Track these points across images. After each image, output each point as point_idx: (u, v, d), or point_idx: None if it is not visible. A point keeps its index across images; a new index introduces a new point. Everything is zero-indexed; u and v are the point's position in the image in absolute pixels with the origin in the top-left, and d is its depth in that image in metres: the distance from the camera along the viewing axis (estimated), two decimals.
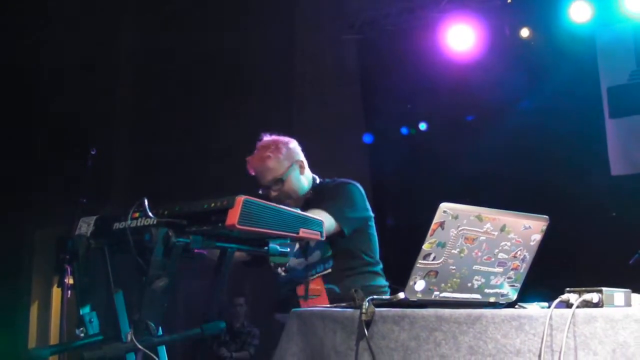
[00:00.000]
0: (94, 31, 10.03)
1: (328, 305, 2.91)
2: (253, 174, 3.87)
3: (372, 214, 3.89)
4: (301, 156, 3.91)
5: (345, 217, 3.66)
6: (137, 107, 10.51)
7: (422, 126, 7.80)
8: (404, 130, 7.93)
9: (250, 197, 2.49)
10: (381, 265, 3.93)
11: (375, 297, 2.51)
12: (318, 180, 3.95)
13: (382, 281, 3.89)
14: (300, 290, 3.74)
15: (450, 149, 7.48)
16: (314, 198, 3.84)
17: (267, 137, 3.95)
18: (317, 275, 3.73)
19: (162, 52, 9.96)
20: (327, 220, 3.52)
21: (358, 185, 3.87)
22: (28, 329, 10.92)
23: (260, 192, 3.82)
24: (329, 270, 3.72)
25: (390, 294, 2.50)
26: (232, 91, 9.29)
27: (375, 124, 8.23)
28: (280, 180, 3.78)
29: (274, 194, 3.78)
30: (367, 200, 3.86)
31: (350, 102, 8.50)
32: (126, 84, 10.64)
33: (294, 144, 3.91)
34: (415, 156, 7.72)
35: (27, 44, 10.24)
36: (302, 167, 3.88)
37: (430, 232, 2.32)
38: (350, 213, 3.72)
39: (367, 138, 8.16)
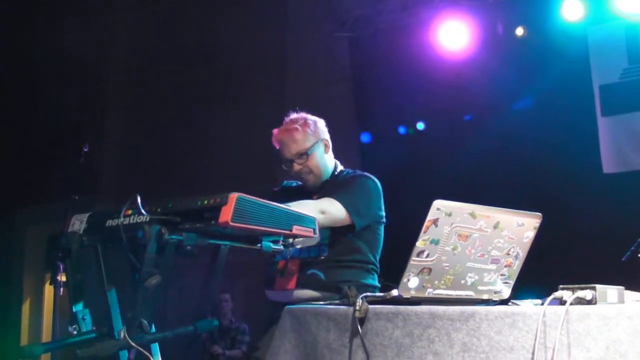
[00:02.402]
0: (84, 29, 10.02)
1: (322, 303, 2.91)
2: (277, 146, 3.84)
3: (384, 214, 3.84)
4: (327, 136, 3.88)
5: (358, 211, 3.61)
6: (129, 105, 10.49)
7: (420, 126, 7.78)
8: (401, 130, 7.91)
9: (244, 195, 2.49)
10: (378, 268, 3.83)
11: (368, 294, 2.51)
12: (340, 168, 3.92)
13: (374, 281, 3.80)
14: (280, 264, 3.71)
15: (442, 147, 7.47)
16: (330, 184, 3.81)
17: (295, 114, 3.93)
18: (308, 258, 3.66)
19: (154, 49, 9.95)
20: (337, 210, 3.52)
21: (377, 182, 3.84)
22: (20, 326, 10.90)
23: (283, 166, 3.82)
24: (322, 257, 3.65)
25: (384, 291, 2.50)
26: (223, 89, 9.28)
27: (367, 123, 8.22)
28: (305, 154, 3.74)
29: (297, 167, 3.76)
30: (382, 200, 3.82)
31: (342, 101, 8.49)
32: (118, 81, 10.61)
33: (321, 123, 3.90)
34: (407, 154, 7.70)
35: (15, 42, 10.22)
36: (327, 147, 3.85)
37: (423, 229, 2.33)
38: (364, 208, 3.67)
39: (364, 137, 8.14)
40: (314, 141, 3.78)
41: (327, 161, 3.84)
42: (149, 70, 10.03)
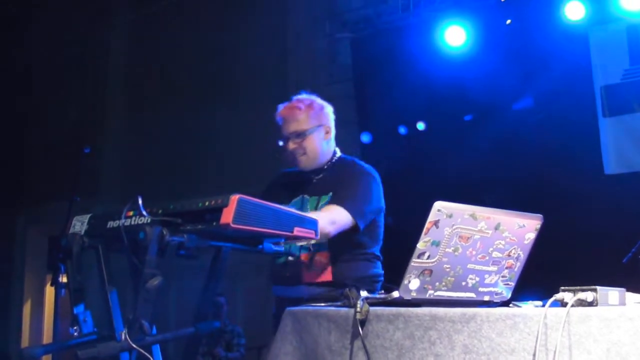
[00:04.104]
0: (85, 30, 10.02)
1: (322, 305, 2.90)
2: (279, 122, 3.86)
3: (384, 206, 3.86)
4: (331, 123, 3.89)
5: (362, 213, 3.62)
6: (130, 105, 10.49)
7: (420, 126, 7.77)
8: (401, 130, 7.90)
9: (245, 196, 2.49)
10: (380, 256, 3.87)
11: (369, 296, 2.51)
12: (338, 155, 3.93)
13: (377, 270, 3.83)
14: (304, 257, 3.69)
15: (443, 148, 7.46)
16: (330, 176, 3.82)
17: (306, 94, 3.96)
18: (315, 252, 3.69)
19: (154, 50, 9.95)
20: (345, 218, 3.52)
21: (377, 176, 3.85)
22: (21, 327, 10.90)
23: (280, 143, 3.83)
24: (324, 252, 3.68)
25: (385, 292, 2.50)
26: (225, 90, 9.28)
27: (368, 123, 8.22)
28: (302, 135, 3.76)
29: (292, 145, 3.77)
30: (381, 191, 3.84)
31: (343, 101, 8.49)
32: (119, 82, 10.62)
33: (329, 109, 3.91)
34: (408, 154, 7.70)
35: (18, 43, 10.23)
36: (327, 133, 3.86)
37: (424, 230, 2.32)
38: (369, 211, 3.69)
39: (365, 138, 8.13)
40: (315, 124, 3.80)
41: (324, 147, 3.84)
42: (149, 71, 10.03)
